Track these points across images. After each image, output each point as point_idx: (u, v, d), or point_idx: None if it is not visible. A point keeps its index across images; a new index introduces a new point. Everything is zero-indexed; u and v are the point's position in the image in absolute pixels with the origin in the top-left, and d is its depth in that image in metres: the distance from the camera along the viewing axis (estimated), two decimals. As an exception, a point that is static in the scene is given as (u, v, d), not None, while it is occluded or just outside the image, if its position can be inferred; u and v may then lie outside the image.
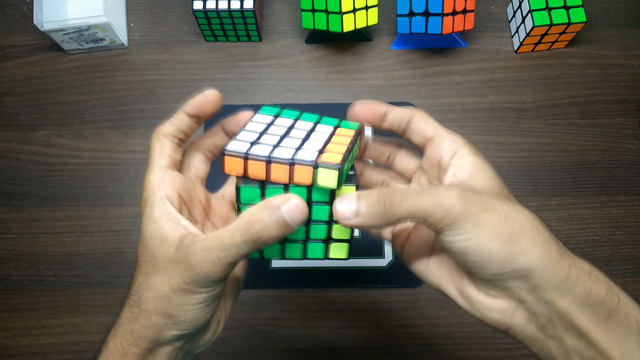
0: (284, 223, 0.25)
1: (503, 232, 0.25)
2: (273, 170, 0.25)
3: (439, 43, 0.62)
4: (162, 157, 0.29)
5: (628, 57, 0.62)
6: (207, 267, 0.25)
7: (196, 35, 0.63)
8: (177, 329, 0.27)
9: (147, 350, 0.27)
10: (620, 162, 0.58)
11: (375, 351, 0.54)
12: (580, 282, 0.25)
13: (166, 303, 0.26)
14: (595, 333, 0.25)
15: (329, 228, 0.28)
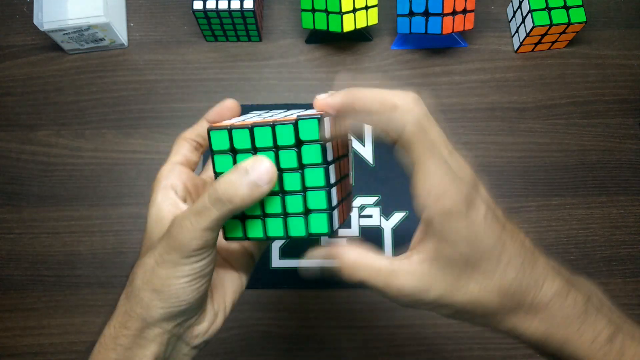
0: (253, 183, 0.25)
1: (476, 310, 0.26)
2: (257, 135, 0.26)
3: (439, 43, 0.62)
4: (177, 155, 0.31)
5: (628, 57, 0.62)
6: (184, 235, 0.26)
7: (196, 35, 0.63)
8: (164, 306, 0.27)
9: (138, 331, 0.28)
10: (620, 162, 0.58)
11: (375, 351, 0.54)
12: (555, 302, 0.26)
13: (152, 277, 0.27)
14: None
15: (304, 198, 0.27)
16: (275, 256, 0.56)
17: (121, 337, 0.28)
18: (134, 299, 0.28)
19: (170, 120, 0.60)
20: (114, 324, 0.29)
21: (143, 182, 0.58)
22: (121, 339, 0.28)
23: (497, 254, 0.25)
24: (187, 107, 0.61)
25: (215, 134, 0.27)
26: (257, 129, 0.26)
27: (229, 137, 0.27)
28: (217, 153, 0.28)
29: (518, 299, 0.26)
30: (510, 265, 0.25)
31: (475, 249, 0.25)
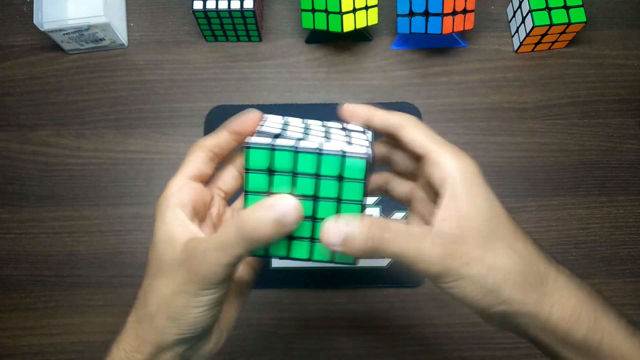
0: (278, 221, 0.24)
1: (484, 285, 0.26)
2: (300, 161, 0.25)
3: (439, 43, 0.62)
4: (189, 167, 0.30)
5: (628, 57, 0.62)
6: (206, 269, 0.25)
7: (196, 35, 0.63)
8: (180, 333, 0.27)
9: (151, 355, 0.28)
10: (620, 162, 0.58)
11: (375, 351, 0.54)
12: (561, 325, 0.26)
13: (169, 305, 0.27)
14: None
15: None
16: (275, 256, 0.56)
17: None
18: (147, 324, 0.28)
19: (170, 120, 0.60)
20: (124, 347, 0.28)
21: (143, 182, 0.58)
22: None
23: (515, 228, 0.27)
24: (187, 107, 0.61)
25: (254, 153, 0.26)
26: (302, 155, 0.25)
27: (270, 157, 0.26)
28: (253, 172, 0.26)
29: (542, 271, 0.27)
30: (529, 241, 0.28)
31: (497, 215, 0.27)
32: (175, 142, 0.59)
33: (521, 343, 0.53)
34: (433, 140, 0.28)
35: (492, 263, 0.26)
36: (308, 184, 0.26)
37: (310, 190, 0.26)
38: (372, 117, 0.30)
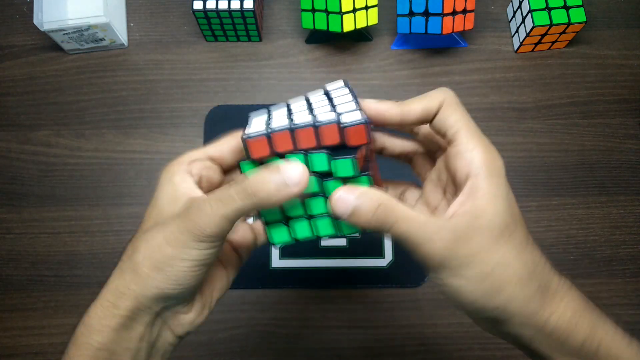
0: (283, 183, 0.24)
1: (481, 288, 0.25)
2: (300, 137, 0.25)
3: (439, 43, 0.62)
4: (214, 148, 0.30)
5: (628, 57, 0.62)
6: (202, 218, 0.25)
7: (196, 35, 0.63)
8: (160, 286, 0.26)
9: (127, 310, 0.27)
10: (620, 162, 0.58)
11: (375, 351, 0.54)
12: (557, 332, 0.26)
13: (157, 253, 0.26)
14: None
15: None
16: (275, 256, 0.56)
17: (109, 317, 0.27)
18: (130, 274, 0.27)
19: (170, 120, 0.60)
20: (101, 303, 0.28)
21: (143, 182, 0.58)
22: (109, 320, 0.27)
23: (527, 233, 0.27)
24: (187, 107, 0.61)
25: (246, 165, 0.27)
26: (288, 156, 0.26)
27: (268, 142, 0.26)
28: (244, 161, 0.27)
29: (546, 277, 0.26)
30: (537, 247, 0.27)
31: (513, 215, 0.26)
32: (175, 142, 0.59)
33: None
34: (467, 127, 0.27)
35: (495, 264, 0.25)
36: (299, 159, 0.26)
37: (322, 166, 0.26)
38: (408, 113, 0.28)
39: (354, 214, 0.25)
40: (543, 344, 0.26)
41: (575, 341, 0.26)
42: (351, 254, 0.56)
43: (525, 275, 0.26)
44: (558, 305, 0.26)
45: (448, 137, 0.27)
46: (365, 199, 0.25)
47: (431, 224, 0.25)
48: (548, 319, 0.26)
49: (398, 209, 0.25)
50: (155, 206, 0.29)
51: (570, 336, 0.26)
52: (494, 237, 0.25)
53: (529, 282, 0.26)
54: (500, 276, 0.25)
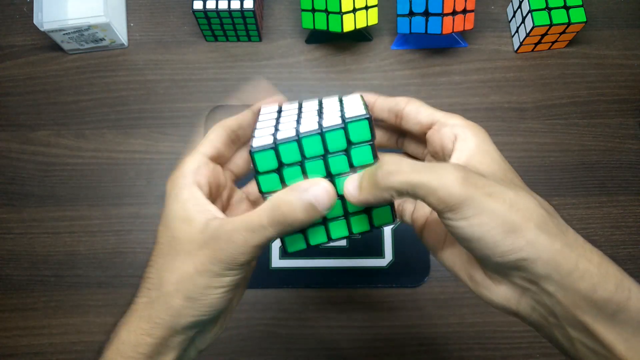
0: (311, 206, 0.24)
1: (507, 221, 0.23)
2: (306, 147, 0.25)
3: (439, 43, 0.62)
4: (209, 146, 0.29)
5: (628, 57, 0.62)
6: (234, 249, 0.25)
7: (196, 35, 0.63)
8: (195, 314, 0.27)
9: (162, 339, 0.27)
10: (620, 162, 0.58)
11: (375, 351, 0.54)
12: (586, 277, 0.24)
13: (189, 285, 0.26)
14: (600, 328, 0.24)
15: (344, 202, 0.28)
16: (275, 256, 0.56)
17: (143, 345, 0.27)
18: (162, 305, 0.27)
19: (170, 120, 0.60)
20: (134, 330, 0.27)
21: (143, 182, 0.58)
22: (142, 347, 0.27)
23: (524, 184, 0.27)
24: (187, 107, 0.61)
25: (260, 155, 0.25)
26: (305, 139, 0.25)
27: (276, 155, 0.26)
28: (263, 174, 0.26)
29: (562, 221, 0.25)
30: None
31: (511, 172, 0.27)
32: (175, 142, 0.59)
33: (521, 343, 0.54)
34: (439, 110, 0.29)
35: (514, 200, 0.24)
36: (317, 166, 0.26)
37: (322, 171, 0.26)
38: (375, 101, 0.31)
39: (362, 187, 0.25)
40: (569, 296, 0.24)
41: (606, 290, 0.24)
42: (351, 254, 0.56)
43: (545, 214, 0.24)
44: (584, 249, 0.24)
45: (427, 123, 0.29)
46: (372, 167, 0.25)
47: (442, 170, 0.24)
48: (577, 261, 0.24)
49: (407, 160, 0.26)
50: (167, 227, 0.27)
51: (600, 284, 0.24)
52: (500, 179, 0.25)
53: (549, 220, 0.24)
54: (522, 210, 0.24)
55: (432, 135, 0.29)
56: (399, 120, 0.30)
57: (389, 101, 0.30)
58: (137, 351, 0.27)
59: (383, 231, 0.56)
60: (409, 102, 0.30)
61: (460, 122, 0.28)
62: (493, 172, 0.26)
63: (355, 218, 0.28)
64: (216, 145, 0.29)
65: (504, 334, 0.54)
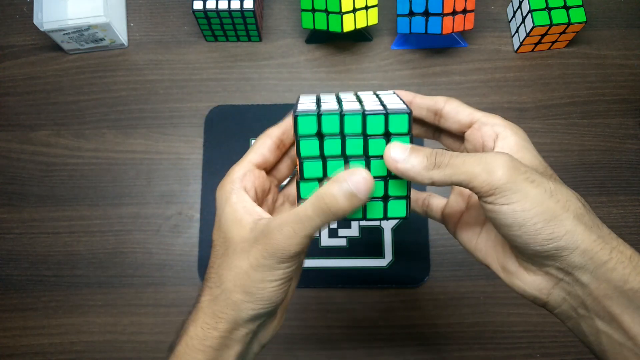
0: (352, 195, 0.25)
1: (548, 208, 0.25)
2: (346, 123, 0.27)
3: (439, 43, 0.62)
4: (256, 154, 0.31)
5: (628, 57, 0.62)
6: (284, 241, 0.26)
7: (196, 35, 0.63)
8: (255, 307, 0.28)
9: (227, 332, 0.28)
10: (620, 162, 0.58)
11: (376, 351, 0.54)
12: (619, 268, 0.25)
13: (245, 280, 0.27)
14: (627, 319, 0.25)
15: (386, 184, 0.28)
16: (275, 256, 0.56)
17: (210, 338, 0.29)
18: (224, 301, 0.28)
19: (170, 120, 0.60)
20: (200, 325, 0.29)
21: (143, 182, 0.58)
22: (210, 340, 0.29)
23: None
24: (187, 107, 0.61)
25: (303, 119, 0.27)
26: (347, 116, 0.27)
27: (317, 123, 0.27)
28: (304, 137, 0.28)
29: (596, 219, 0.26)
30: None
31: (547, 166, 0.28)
32: (175, 142, 0.59)
33: (521, 343, 0.54)
34: (478, 111, 0.30)
35: (554, 190, 0.25)
36: (357, 145, 0.27)
37: (360, 150, 0.27)
38: (415, 97, 0.32)
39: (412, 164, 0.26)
40: (600, 287, 0.25)
41: (637, 281, 0.25)
42: (351, 254, 0.56)
43: (582, 206, 0.26)
44: (617, 241, 0.26)
45: (466, 122, 0.30)
46: (418, 149, 0.26)
47: (486, 155, 0.26)
48: (611, 252, 0.25)
49: (450, 152, 0.26)
50: (220, 230, 0.29)
51: (632, 275, 0.25)
52: (540, 173, 0.26)
53: (586, 212, 0.26)
54: (562, 199, 0.25)
55: (471, 134, 0.30)
56: (437, 119, 0.32)
57: (427, 100, 0.31)
58: (205, 344, 0.29)
59: (383, 230, 0.56)
60: (448, 101, 0.31)
61: (500, 121, 0.29)
62: (535, 166, 0.27)
63: (373, 204, 0.29)
64: (262, 152, 0.31)
65: (504, 334, 0.54)
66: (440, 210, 0.35)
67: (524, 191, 0.25)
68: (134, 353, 0.54)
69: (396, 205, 0.29)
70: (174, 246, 0.57)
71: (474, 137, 0.30)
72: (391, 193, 0.29)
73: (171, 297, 0.55)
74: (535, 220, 0.25)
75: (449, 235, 0.34)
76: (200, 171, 0.58)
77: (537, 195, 0.25)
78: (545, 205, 0.25)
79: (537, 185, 0.25)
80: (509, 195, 0.25)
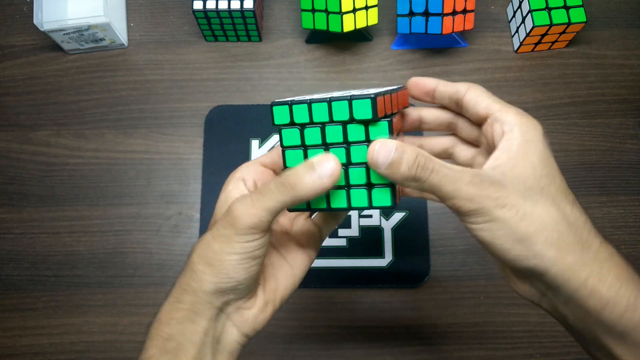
0: (317, 177, 0.26)
1: (515, 231, 0.25)
2: (314, 111, 0.28)
3: (439, 43, 0.62)
4: (267, 157, 0.33)
5: (628, 57, 0.62)
6: (242, 211, 0.27)
7: (196, 35, 0.63)
8: (214, 280, 0.28)
9: (190, 304, 0.29)
10: (620, 162, 0.58)
11: (376, 351, 0.54)
12: (595, 296, 0.25)
13: (207, 250, 0.28)
14: (610, 343, 0.25)
15: (368, 171, 0.28)
16: (275, 256, 0.56)
17: (175, 310, 0.29)
18: (189, 272, 0.29)
19: (170, 120, 0.60)
20: (169, 300, 0.30)
21: (143, 182, 0.58)
22: (174, 313, 0.29)
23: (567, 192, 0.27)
24: (187, 107, 0.61)
25: (277, 109, 0.29)
26: (314, 105, 0.28)
27: (289, 112, 0.28)
28: (283, 127, 0.29)
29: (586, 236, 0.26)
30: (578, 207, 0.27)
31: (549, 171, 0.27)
32: (175, 142, 0.59)
33: (521, 343, 0.54)
34: (497, 102, 0.29)
35: (529, 212, 0.25)
36: (337, 132, 0.28)
37: (340, 137, 0.28)
38: (438, 85, 0.31)
39: (392, 166, 0.26)
40: (578, 311, 0.25)
41: (613, 312, 0.25)
42: (351, 254, 0.56)
43: (564, 227, 0.26)
44: (600, 266, 0.25)
45: (482, 113, 0.29)
46: (405, 149, 0.26)
47: (466, 173, 0.26)
48: (584, 282, 0.25)
49: (434, 160, 0.26)
50: (214, 215, 0.31)
51: (608, 305, 0.25)
52: (524, 191, 0.26)
53: (567, 233, 0.25)
54: (535, 222, 0.25)
55: (485, 129, 0.30)
56: (459, 108, 0.31)
57: (449, 87, 0.31)
58: (170, 316, 0.29)
59: (383, 230, 0.56)
60: (469, 89, 0.30)
61: (512, 118, 0.28)
62: (524, 177, 0.26)
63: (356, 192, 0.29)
64: (273, 156, 0.33)
65: (504, 334, 0.54)
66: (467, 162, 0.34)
67: (492, 216, 0.25)
68: (134, 353, 0.54)
69: (381, 194, 0.28)
70: (174, 246, 0.57)
71: (486, 132, 0.29)
72: (374, 181, 0.28)
73: (171, 297, 0.55)
74: (502, 241, 0.25)
75: (449, 236, 0.34)
76: (200, 171, 0.58)
77: (505, 219, 0.25)
78: (513, 228, 0.25)
79: (509, 209, 0.25)
80: (477, 219, 0.26)
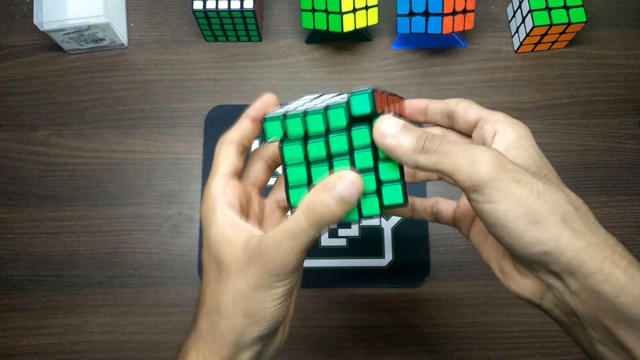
0: (343, 200, 0.25)
1: (532, 210, 0.23)
2: (310, 123, 0.26)
3: (439, 43, 0.62)
4: (226, 165, 0.30)
5: (628, 57, 0.62)
6: (281, 258, 0.25)
7: (196, 35, 0.63)
8: (258, 329, 0.27)
9: (230, 357, 0.28)
10: (620, 162, 0.58)
11: (376, 351, 0.54)
12: (612, 280, 0.23)
13: (246, 302, 0.27)
14: (621, 332, 0.24)
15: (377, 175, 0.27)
16: (275, 256, 0.56)
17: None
18: (225, 326, 0.27)
19: (170, 120, 0.60)
20: (202, 352, 0.28)
21: (143, 182, 0.58)
22: None
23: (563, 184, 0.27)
24: (187, 107, 0.61)
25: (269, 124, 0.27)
26: (309, 116, 0.26)
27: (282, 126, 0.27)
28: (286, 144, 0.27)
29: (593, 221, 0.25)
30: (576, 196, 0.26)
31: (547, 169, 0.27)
32: (175, 142, 0.59)
33: (521, 343, 0.54)
34: (485, 109, 0.30)
35: (542, 191, 0.24)
36: (341, 141, 0.26)
37: (344, 144, 0.26)
38: (430, 102, 0.32)
39: (403, 130, 0.25)
40: (591, 297, 0.23)
41: (630, 295, 0.23)
42: (351, 253, 0.56)
43: (572, 210, 0.24)
44: (612, 251, 0.24)
45: (473, 120, 0.30)
46: (410, 128, 0.25)
47: (474, 149, 0.24)
48: (602, 263, 0.23)
49: (442, 137, 0.25)
50: (210, 252, 0.28)
51: (625, 289, 0.23)
52: (532, 173, 0.25)
53: (577, 217, 0.24)
54: (546, 204, 0.24)
55: (475, 132, 0.30)
56: (450, 121, 0.31)
57: (440, 104, 0.31)
58: None
59: (383, 230, 0.56)
60: (459, 103, 0.31)
61: (502, 118, 0.29)
62: (527, 165, 0.26)
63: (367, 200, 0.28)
64: (231, 161, 0.30)
65: (504, 334, 0.54)
66: (450, 214, 0.34)
67: (507, 190, 0.23)
68: (134, 353, 0.54)
69: (391, 192, 0.27)
70: (174, 246, 0.57)
71: (477, 135, 0.30)
72: (383, 177, 0.27)
73: (171, 297, 0.55)
74: (518, 222, 0.23)
75: (449, 236, 0.34)
76: (200, 171, 0.58)
77: (521, 195, 0.23)
78: (530, 206, 0.23)
79: (524, 185, 0.24)
80: (492, 193, 0.23)
